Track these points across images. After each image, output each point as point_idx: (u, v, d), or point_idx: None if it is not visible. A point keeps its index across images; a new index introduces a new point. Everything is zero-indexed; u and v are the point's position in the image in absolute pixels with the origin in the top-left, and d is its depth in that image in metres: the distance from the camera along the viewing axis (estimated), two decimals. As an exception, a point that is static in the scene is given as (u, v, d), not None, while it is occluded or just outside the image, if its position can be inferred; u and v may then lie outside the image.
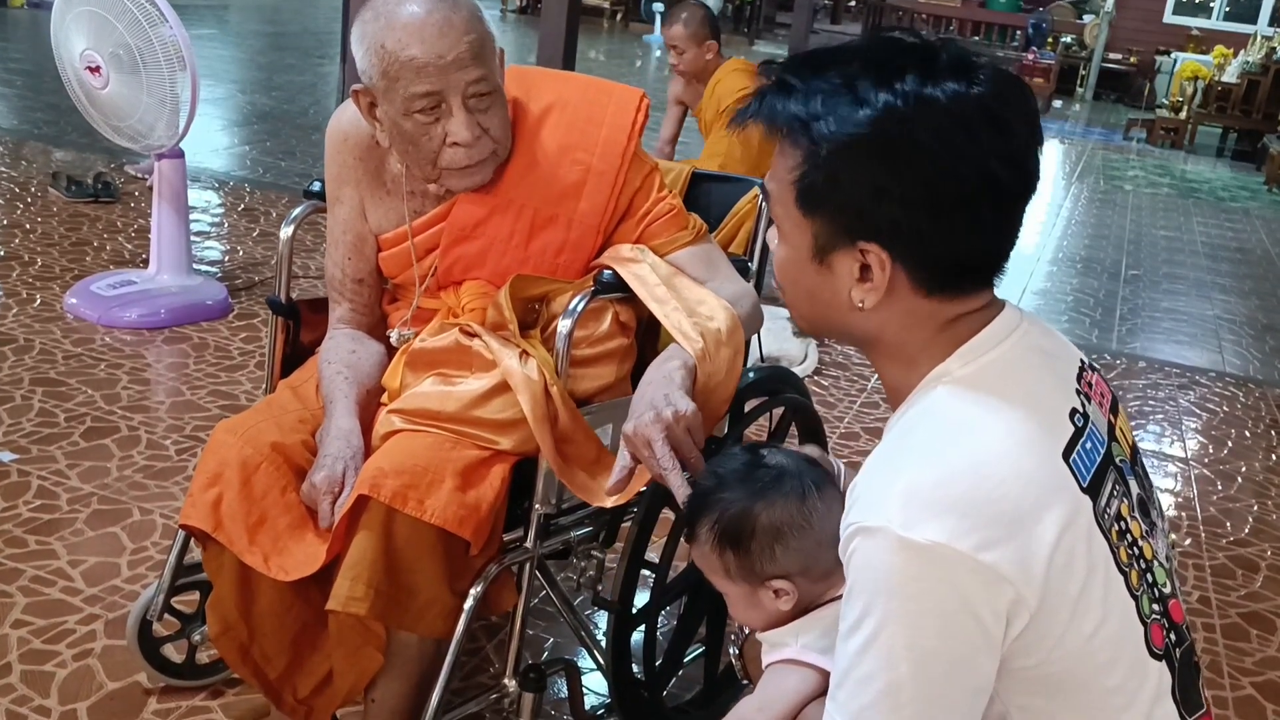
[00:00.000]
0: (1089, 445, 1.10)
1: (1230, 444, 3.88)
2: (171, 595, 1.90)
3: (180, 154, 3.84)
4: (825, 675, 1.31)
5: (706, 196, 2.04)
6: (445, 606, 1.58)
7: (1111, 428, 1.18)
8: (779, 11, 21.07)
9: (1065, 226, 7.57)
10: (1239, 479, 3.58)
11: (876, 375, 1.34)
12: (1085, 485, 1.06)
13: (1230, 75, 12.03)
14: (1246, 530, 3.21)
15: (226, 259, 4.56)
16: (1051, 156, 11.29)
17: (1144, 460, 1.25)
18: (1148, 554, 1.13)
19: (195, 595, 2.03)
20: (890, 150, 1.02)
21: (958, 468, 1.01)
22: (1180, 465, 3.65)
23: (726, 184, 2.09)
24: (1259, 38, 12.83)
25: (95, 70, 3.58)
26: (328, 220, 1.85)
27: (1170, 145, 12.29)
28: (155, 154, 3.80)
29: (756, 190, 1.99)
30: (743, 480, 1.38)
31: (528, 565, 1.70)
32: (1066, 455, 1.06)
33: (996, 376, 1.08)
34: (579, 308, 1.63)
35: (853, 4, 23.48)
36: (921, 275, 1.07)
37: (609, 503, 1.63)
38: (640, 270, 1.68)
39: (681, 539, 1.86)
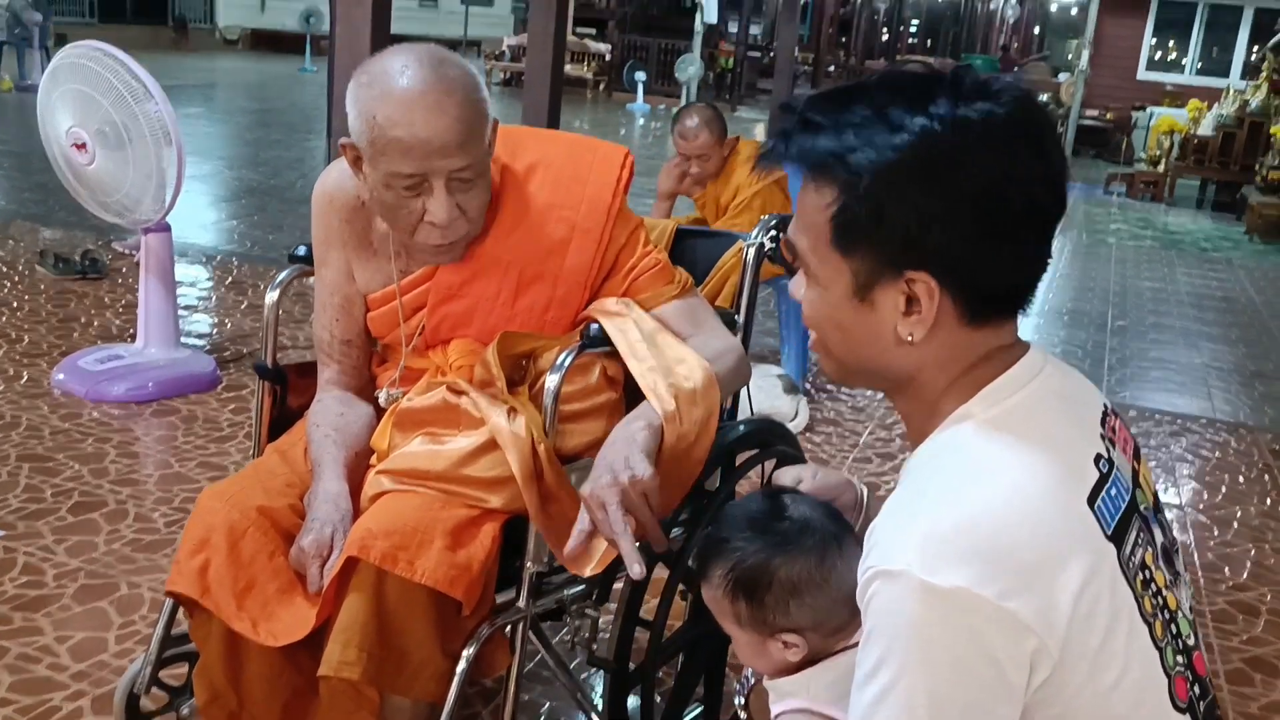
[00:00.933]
0: (1114, 491, 1.08)
1: (1224, 489, 3.86)
2: (159, 667, 1.87)
3: (167, 228, 3.85)
4: None
5: (692, 252, 2.05)
6: (438, 669, 1.55)
7: (1135, 474, 1.16)
8: (760, 78, 21.40)
9: (1050, 280, 7.61)
10: (1235, 524, 3.56)
11: (869, 430, 1.33)
12: (1110, 533, 1.04)
13: (1206, 128, 12.21)
14: (1245, 575, 3.19)
15: (214, 332, 4.56)
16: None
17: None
18: (1172, 604, 1.11)
19: (184, 667, 1.98)
20: (933, 172, 1.01)
21: (980, 512, 0.99)
22: (1176, 512, 3.63)
23: (711, 239, 2.10)
24: (1232, 91, 13.04)
25: (81, 147, 3.60)
26: (315, 283, 1.85)
27: (1150, 198, 12.44)
28: (142, 228, 3.81)
29: (741, 244, 2.00)
30: (764, 529, 1.35)
31: (521, 625, 1.67)
32: (1091, 501, 1.04)
33: (1020, 420, 1.07)
34: (566, 362, 1.63)
35: (832, 70, 23.86)
36: (966, 303, 1.06)
37: (585, 571, 1.61)
38: (624, 325, 1.67)
39: (677, 595, 1.85)
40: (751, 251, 1.95)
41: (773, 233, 1.95)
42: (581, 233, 1.72)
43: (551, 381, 1.62)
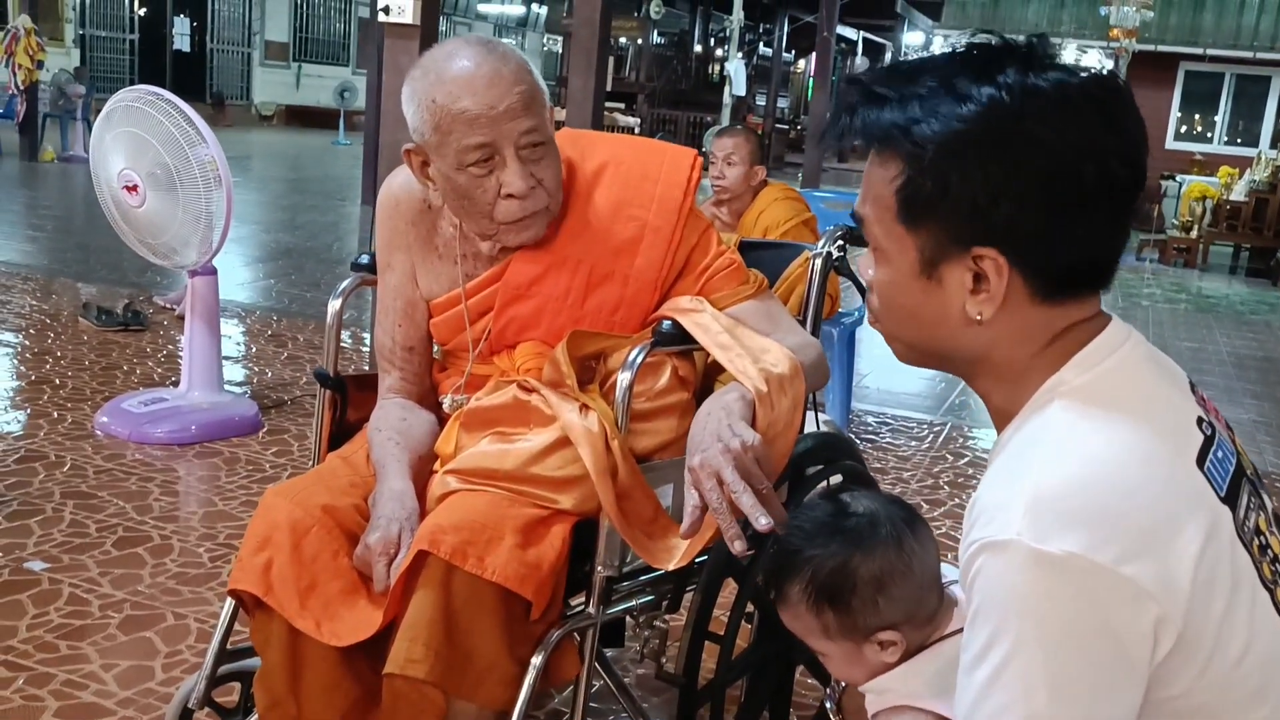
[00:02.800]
0: (1220, 454, 1.02)
1: (1285, 538, 3.76)
2: (215, 683, 1.81)
3: (213, 271, 3.87)
4: (937, 718, 1.23)
5: (756, 264, 2.01)
6: (506, 673, 1.50)
7: (1233, 441, 1.11)
8: (788, 151, 21.60)
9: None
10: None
11: (916, 478, 1.27)
12: (1223, 495, 0.99)
13: (1238, 194, 12.18)
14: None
15: (255, 380, 4.57)
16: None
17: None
18: None
19: (236, 688, 1.94)
20: (1002, 144, 0.97)
21: (1088, 475, 0.94)
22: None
23: (776, 250, 2.07)
24: (1264, 157, 13.04)
25: (133, 189, 3.64)
26: (378, 288, 1.83)
27: (1184, 264, 12.38)
28: (189, 271, 3.83)
29: (807, 255, 1.97)
30: (832, 532, 1.29)
31: (590, 632, 1.62)
32: (1200, 462, 0.99)
33: (1116, 385, 1.01)
34: (638, 359, 1.60)
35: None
36: (1037, 280, 1.01)
37: (670, 565, 1.56)
38: (702, 319, 1.65)
39: (747, 608, 1.80)
40: (818, 262, 1.92)
41: (839, 242, 1.92)
42: (652, 231, 1.70)
43: (624, 378, 1.59)
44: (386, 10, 4.01)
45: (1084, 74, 1.00)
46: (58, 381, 4.23)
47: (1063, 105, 0.98)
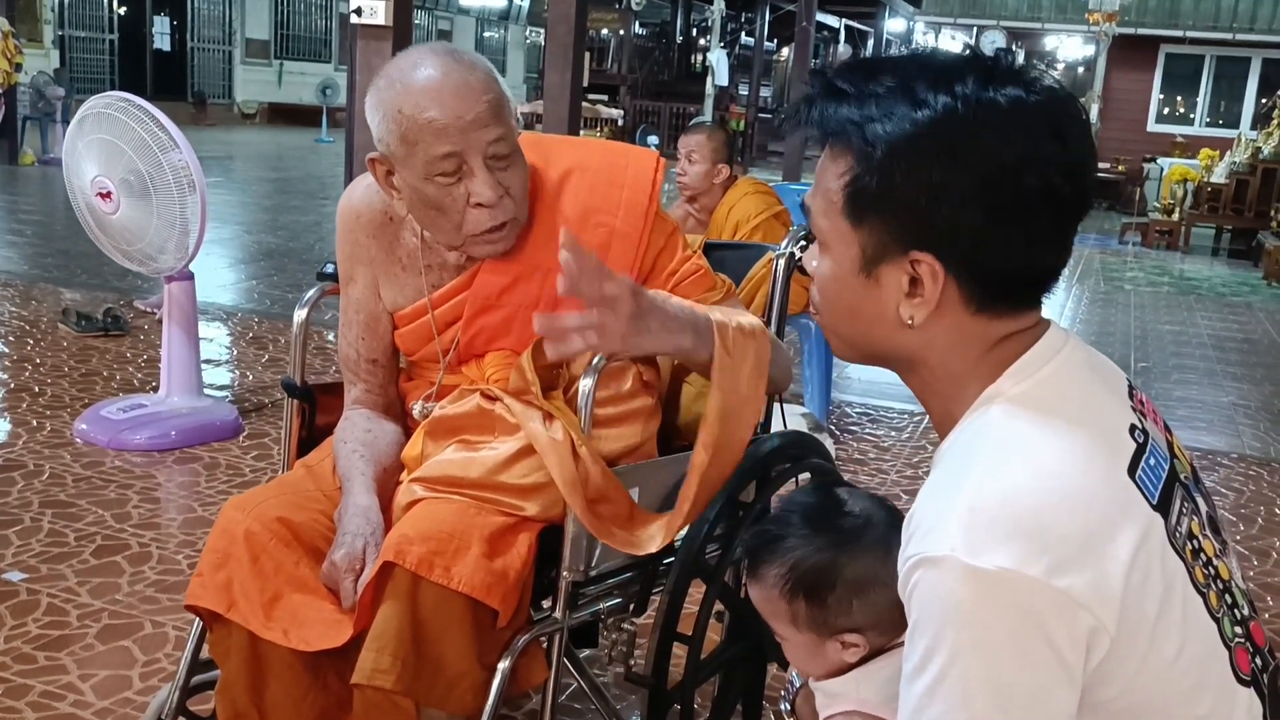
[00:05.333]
0: (1152, 461, 1.04)
1: (1261, 521, 3.80)
2: (187, 695, 1.82)
3: (190, 276, 3.87)
4: None
5: (721, 264, 2.03)
6: (475, 681, 1.51)
7: (1170, 445, 1.12)
8: (771, 140, 21.58)
9: (1070, 326, 7.58)
10: (1274, 554, 3.49)
11: (895, 469, 1.27)
12: (1154, 502, 1.00)
13: (1219, 176, 12.23)
14: (1288, 604, 3.12)
15: (236, 384, 4.56)
16: (1049, 262, 11.39)
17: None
18: (1224, 574, 1.07)
19: (212, 698, 1.95)
20: (950, 151, 0.98)
21: (1022, 490, 0.95)
22: (1213, 543, 3.56)
23: (740, 251, 2.08)
24: (1243, 139, 13.08)
25: (106, 196, 3.63)
26: (341, 300, 1.83)
27: (1166, 247, 12.44)
28: (165, 277, 3.83)
29: (770, 255, 1.99)
30: (823, 526, 1.30)
31: (557, 637, 1.63)
32: (1131, 471, 1.00)
33: (1051, 393, 1.03)
34: (600, 365, 1.60)
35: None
36: (973, 289, 1.02)
37: (653, 548, 1.59)
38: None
39: (717, 607, 1.81)
40: (781, 262, 1.94)
41: (802, 242, 1.93)
42: (620, 237, 1.71)
43: (586, 384, 1.59)
44: (359, 12, 4.00)
45: (1041, 92, 1.01)
46: (36, 389, 4.23)
47: (1013, 119, 0.99)
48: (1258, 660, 1.05)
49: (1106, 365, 1.13)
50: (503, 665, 1.54)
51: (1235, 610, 1.05)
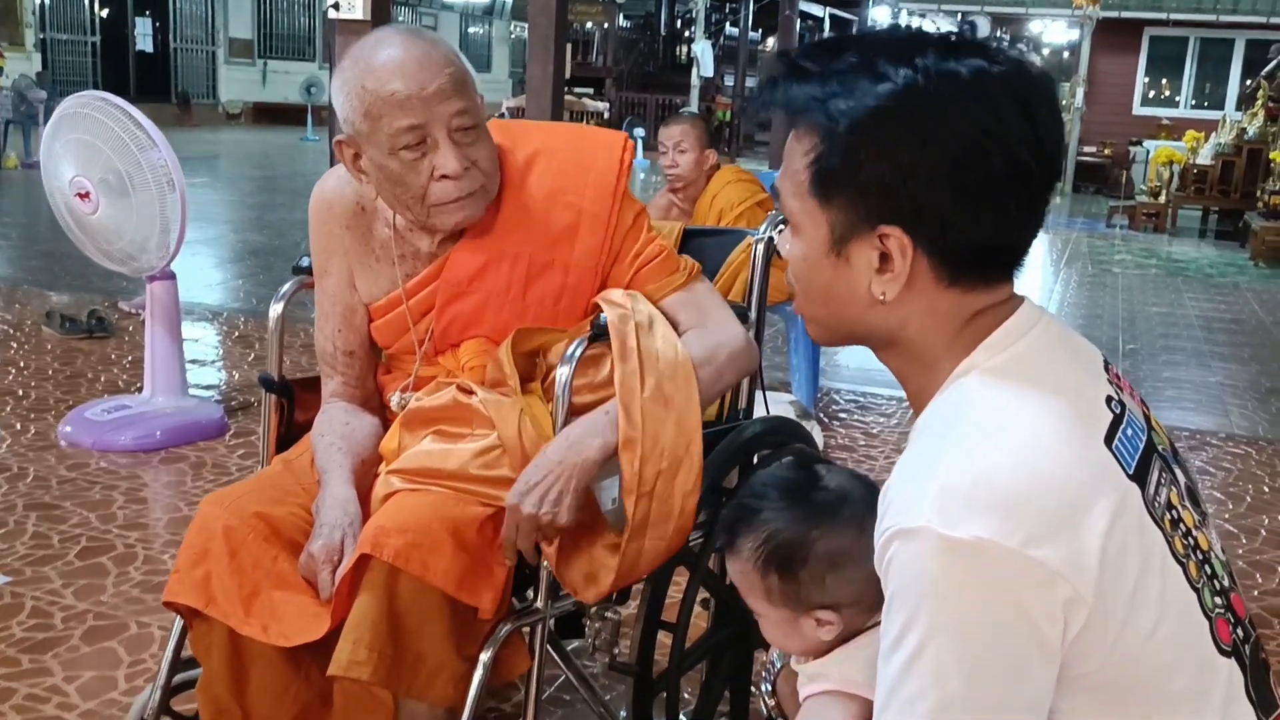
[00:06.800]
0: (1129, 432, 1.03)
1: (1249, 499, 3.80)
2: (169, 694, 1.81)
3: (171, 275, 3.85)
4: (869, 706, 1.23)
5: (700, 251, 2.02)
6: (455, 672, 1.50)
7: (1147, 418, 1.12)
8: (757, 129, 21.55)
9: (1058, 309, 7.59)
10: (1262, 532, 3.50)
11: (885, 455, 1.27)
12: (1131, 473, 0.99)
13: (1204, 157, 12.26)
14: (1277, 582, 3.12)
15: (222, 383, 4.55)
16: (1038, 245, 11.39)
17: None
18: (1204, 545, 1.06)
19: (195, 697, 1.93)
20: (913, 124, 0.97)
21: (996, 460, 0.94)
22: (1201, 522, 3.57)
23: (719, 236, 2.07)
24: (1228, 120, 13.10)
25: (85, 196, 3.61)
26: (316, 293, 1.82)
27: (1153, 229, 12.46)
28: (146, 276, 3.81)
29: (749, 241, 1.98)
30: (798, 500, 1.29)
31: (539, 627, 1.62)
32: (1108, 442, 1.00)
33: (1027, 365, 1.02)
34: (576, 353, 1.59)
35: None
36: (943, 264, 1.02)
37: (590, 598, 1.60)
38: (618, 323, 1.63)
39: (698, 603, 1.80)
40: (760, 247, 1.93)
41: (780, 227, 1.92)
42: (589, 217, 1.70)
43: (563, 373, 1.59)
44: (336, 6, 3.98)
45: (1005, 64, 1.00)
46: (20, 392, 4.20)
47: (977, 91, 0.98)
48: (1239, 631, 1.05)
49: (1082, 341, 1.13)
50: (484, 656, 1.53)
51: (1215, 581, 1.05)
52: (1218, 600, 1.03)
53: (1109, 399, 1.04)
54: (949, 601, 0.91)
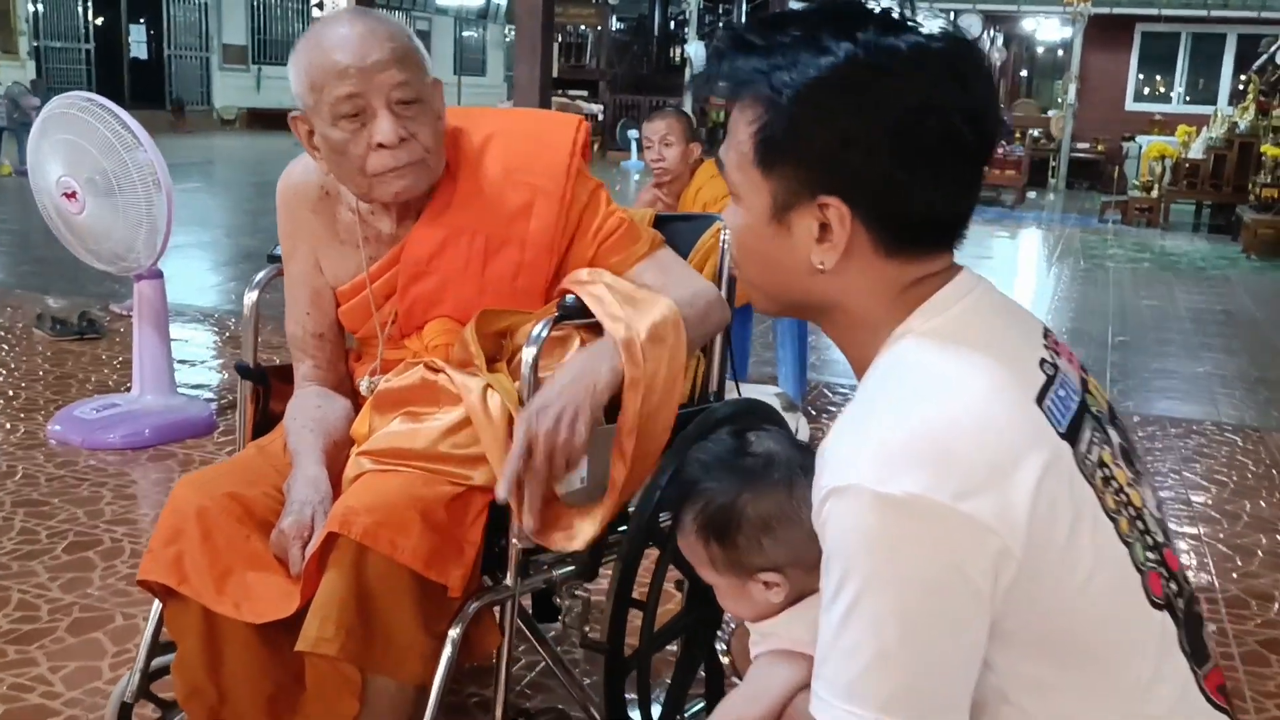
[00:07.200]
0: (1062, 393, 1.06)
1: (1233, 485, 3.83)
2: (149, 678, 1.83)
3: (159, 275, 3.87)
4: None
5: (672, 237, 2.03)
6: (424, 650, 1.52)
7: (1084, 382, 1.14)
8: (752, 130, 21.52)
9: (1050, 303, 7.62)
10: (1245, 516, 3.52)
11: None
12: (1063, 431, 1.02)
13: (1196, 151, 12.28)
14: (1257, 564, 3.15)
15: (212, 382, 4.57)
16: (1031, 241, 11.45)
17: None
18: (1136, 501, 1.08)
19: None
20: (853, 95, 1.00)
21: (929, 419, 0.97)
22: (1184, 507, 3.60)
23: (688, 222, 2.09)
24: (1220, 115, 13.13)
25: (72, 196, 3.63)
26: (285, 277, 1.85)
27: (1146, 224, 12.49)
28: (135, 275, 3.83)
29: (719, 225, 2.00)
30: (729, 467, 1.32)
31: (509, 605, 1.64)
32: (1039, 401, 1.02)
33: (961, 328, 1.05)
34: (542, 334, 1.62)
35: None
36: (881, 234, 1.04)
37: (570, 547, 1.60)
38: (596, 290, 1.66)
39: (672, 584, 1.82)
40: (728, 232, 1.95)
41: (749, 211, 1.94)
42: (543, 195, 1.73)
43: (528, 354, 1.61)
44: (320, 6, 4.00)
45: (942, 39, 1.03)
46: (11, 393, 4.23)
47: (915, 63, 1.01)
48: (1171, 585, 1.07)
49: (1021, 310, 1.16)
50: (453, 633, 1.55)
51: (1148, 536, 1.07)
52: (1150, 555, 1.06)
53: (1042, 361, 1.07)
54: (883, 555, 0.93)
